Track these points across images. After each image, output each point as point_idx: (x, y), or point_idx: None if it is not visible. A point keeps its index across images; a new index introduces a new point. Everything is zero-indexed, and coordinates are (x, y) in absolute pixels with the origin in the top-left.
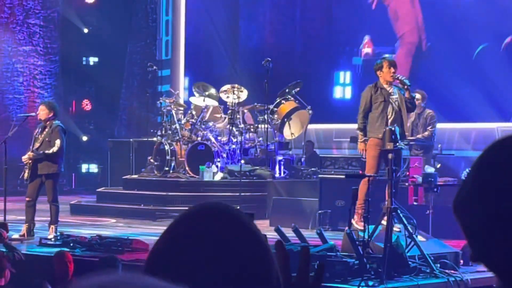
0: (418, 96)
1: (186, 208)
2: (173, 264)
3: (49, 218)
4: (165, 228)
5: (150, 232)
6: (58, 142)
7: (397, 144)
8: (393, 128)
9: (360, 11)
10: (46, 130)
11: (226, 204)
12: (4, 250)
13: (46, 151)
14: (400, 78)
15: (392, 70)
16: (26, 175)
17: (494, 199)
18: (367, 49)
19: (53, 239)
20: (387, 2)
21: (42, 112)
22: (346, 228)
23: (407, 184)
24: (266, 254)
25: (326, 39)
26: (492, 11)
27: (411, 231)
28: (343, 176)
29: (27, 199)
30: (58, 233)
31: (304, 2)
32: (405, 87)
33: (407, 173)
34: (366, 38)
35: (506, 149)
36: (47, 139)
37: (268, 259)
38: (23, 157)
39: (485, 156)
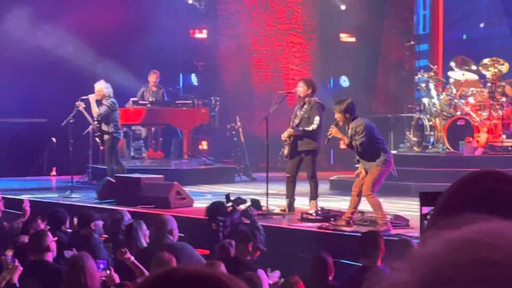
0: None
1: (446, 184)
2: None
3: (309, 194)
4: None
5: (410, 208)
6: (317, 119)
7: None
8: None
9: None
10: (305, 107)
11: None
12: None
13: (306, 128)
14: None
15: None
16: (286, 152)
17: None
18: None
19: (314, 214)
20: None
21: (301, 89)
22: None
23: None
24: None
25: None
26: None
27: None
28: None
29: (287, 175)
30: (319, 208)
31: None
32: None
33: None
34: None
35: None
36: (306, 115)
37: None
38: (282, 135)
39: None
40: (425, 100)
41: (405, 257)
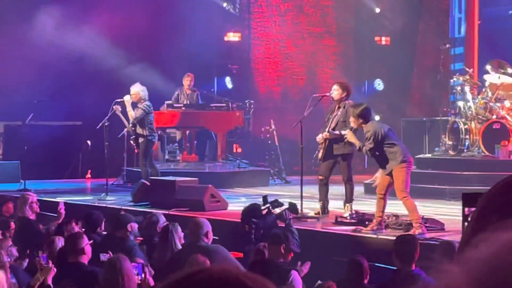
0: None
1: (481, 188)
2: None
3: (344, 197)
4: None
5: (445, 212)
6: None
7: None
8: None
9: None
10: (340, 110)
11: None
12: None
13: (342, 131)
14: None
15: None
16: (320, 155)
17: None
18: None
19: (348, 217)
20: None
21: (336, 92)
22: None
23: None
24: None
25: None
26: None
27: None
28: None
29: (320, 177)
30: (353, 211)
31: None
32: None
33: None
34: None
35: None
36: (341, 119)
37: None
38: (317, 137)
39: None
40: (461, 104)
41: (455, 259)
